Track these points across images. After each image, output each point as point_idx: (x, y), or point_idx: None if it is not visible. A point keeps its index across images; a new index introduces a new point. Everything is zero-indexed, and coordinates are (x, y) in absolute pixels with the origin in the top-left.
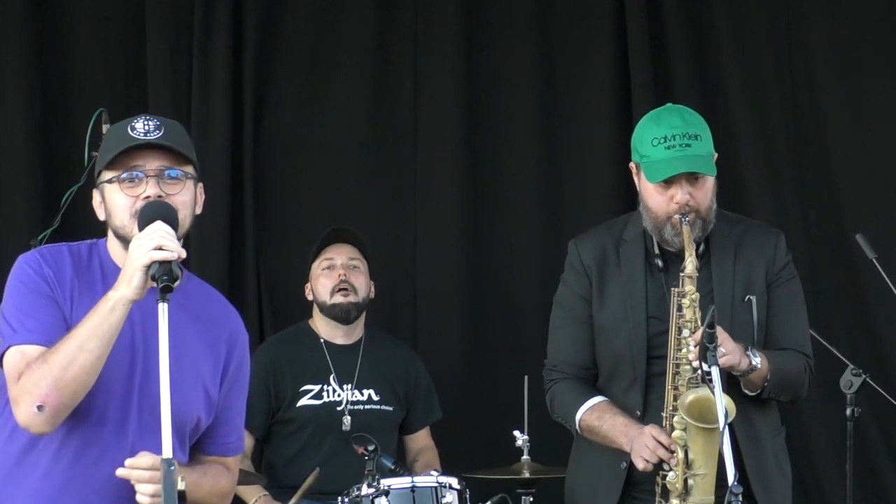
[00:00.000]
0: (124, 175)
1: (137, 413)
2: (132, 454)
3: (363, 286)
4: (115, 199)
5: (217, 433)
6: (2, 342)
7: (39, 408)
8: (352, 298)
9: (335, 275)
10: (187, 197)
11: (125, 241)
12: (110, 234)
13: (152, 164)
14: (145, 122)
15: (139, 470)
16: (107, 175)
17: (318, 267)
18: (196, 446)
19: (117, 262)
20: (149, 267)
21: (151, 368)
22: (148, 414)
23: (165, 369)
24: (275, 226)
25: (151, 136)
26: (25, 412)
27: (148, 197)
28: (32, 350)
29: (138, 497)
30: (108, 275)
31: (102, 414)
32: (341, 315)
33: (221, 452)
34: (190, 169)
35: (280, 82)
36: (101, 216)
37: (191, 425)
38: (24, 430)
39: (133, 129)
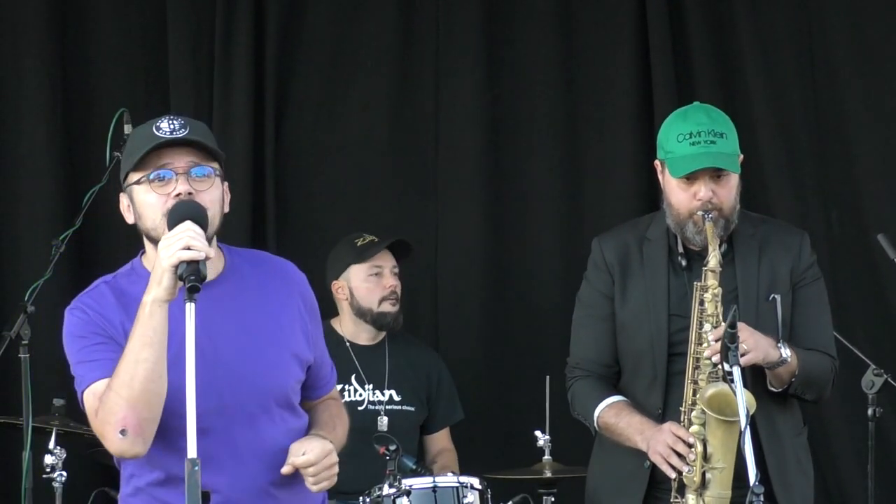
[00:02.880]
0: (153, 174)
1: (225, 410)
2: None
3: (400, 293)
4: (144, 200)
5: (317, 378)
6: (79, 395)
7: (122, 432)
8: (397, 308)
9: (384, 283)
10: (216, 194)
11: (157, 242)
12: (146, 242)
13: (180, 161)
14: (170, 122)
15: (308, 466)
16: (134, 176)
17: (362, 272)
18: (302, 396)
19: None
20: (177, 267)
21: (220, 361)
22: (236, 404)
23: (191, 369)
24: (296, 225)
25: (178, 135)
26: (112, 440)
27: (179, 194)
28: (101, 386)
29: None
30: None
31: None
32: (390, 324)
33: (325, 392)
34: (216, 166)
35: (301, 82)
36: (130, 220)
37: (293, 389)
38: (142, 469)
39: (158, 128)
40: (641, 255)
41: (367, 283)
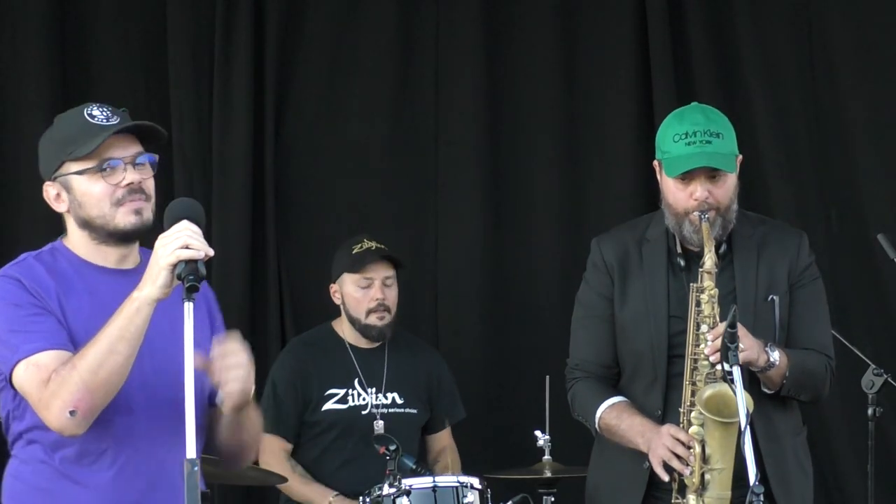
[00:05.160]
0: (104, 165)
1: (161, 405)
2: (165, 448)
3: (396, 303)
4: (90, 190)
5: None
6: (5, 364)
7: (72, 412)
8: (386, 320)
9: (372, 295)
10: (153, 182)
11: (102, 231)
12: (71, 228)
13: (126, 150)
14: (101, 109)
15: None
16: (74, 166)
17: (353, 281)
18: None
19: (82, 255)
20: (174, 266)
21: (168, 360)
22: (169, 405)
23: (190, 368)
24: (296, 227)
25: (114, 121)
26: (57, 416)
27: (130, 183)
28: (46, 357)
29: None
30: (81, 269)
31: (128, 412)
32: (376, 336)
33: None
34: (155, 154)
35: (301, 83)
36: (61, 209)
37: (203, 400)
38: (66, 441)
39: (92, 116)
40: (640, 255)
41: (357, 294)
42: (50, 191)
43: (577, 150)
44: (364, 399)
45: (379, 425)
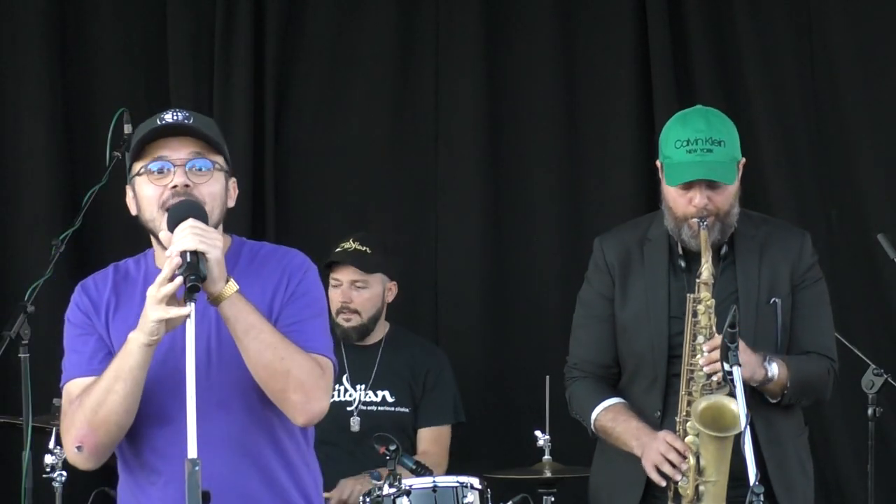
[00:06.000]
0: (152, 165)
1: (212, 400)
2: (208, 457)
3: (367, 305)
4: (144, 192)
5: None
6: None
7: (79, 448)
8: (353, 322)
9: (336, 297)
10: (216, 188)
11: (155, 235)
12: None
13: (180, 153)
14: (174, 113)
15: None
16: (136, 167)
17: (330, 279)
18: None
19: (158, 264)
20: (162, 321)
21: (222, 355)
22: (216, 395)
23: (191, 370)
24: (296, 225)
25: (177, 121)
26: (69, 450)
27: (175, 186)
28: (73, 386)
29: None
30: (150, 279)
31: (168, 423)
32: (342, 337)
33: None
34: (220, 160)
35: (301, 83)
36: (133, 211)
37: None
38: (131, 455)
39: (162, 119)
40: (642, 255)
41: (329, 293)
42: (128, 193)
43: (577, 151)
44: (351, 395)
45: (356, 422)
